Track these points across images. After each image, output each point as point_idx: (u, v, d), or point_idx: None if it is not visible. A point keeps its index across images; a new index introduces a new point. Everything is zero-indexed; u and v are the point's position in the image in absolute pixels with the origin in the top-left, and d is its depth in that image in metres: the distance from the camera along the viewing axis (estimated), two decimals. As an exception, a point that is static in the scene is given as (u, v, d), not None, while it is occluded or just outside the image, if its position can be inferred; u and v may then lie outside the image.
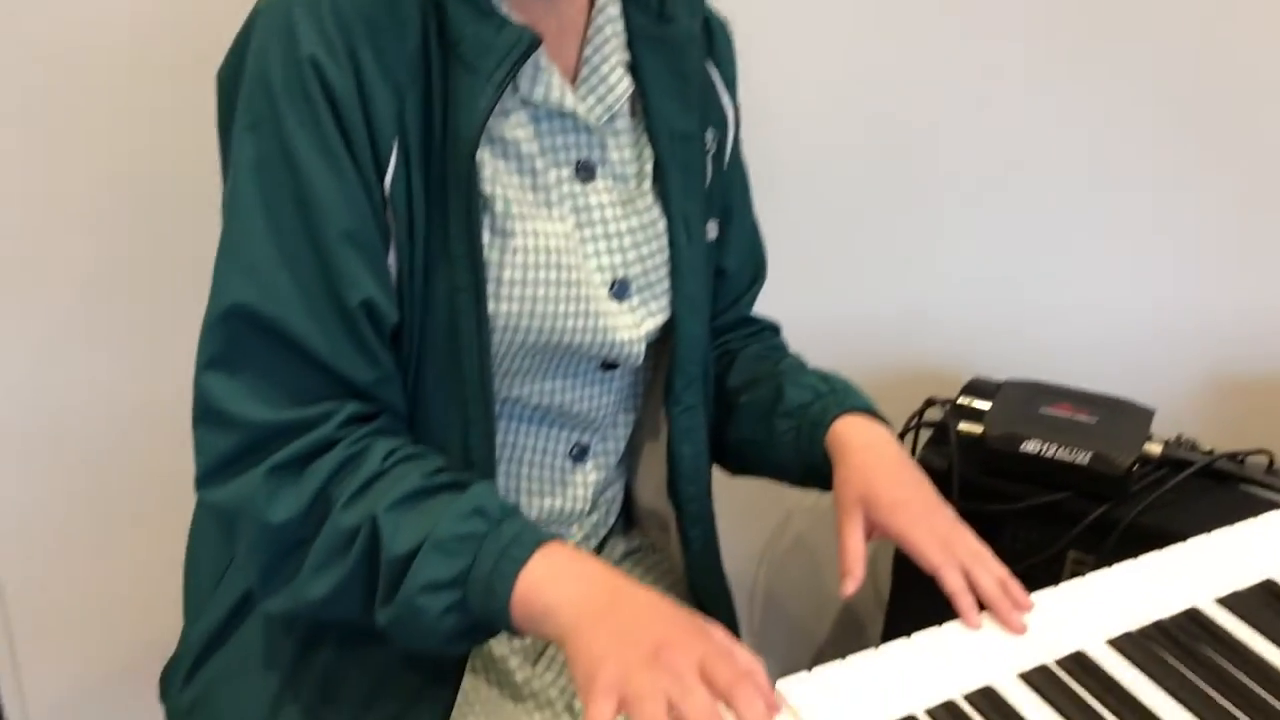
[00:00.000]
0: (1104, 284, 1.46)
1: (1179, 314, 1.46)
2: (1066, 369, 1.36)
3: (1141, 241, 1.44)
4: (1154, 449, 1.24)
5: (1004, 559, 0.87)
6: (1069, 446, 1.22)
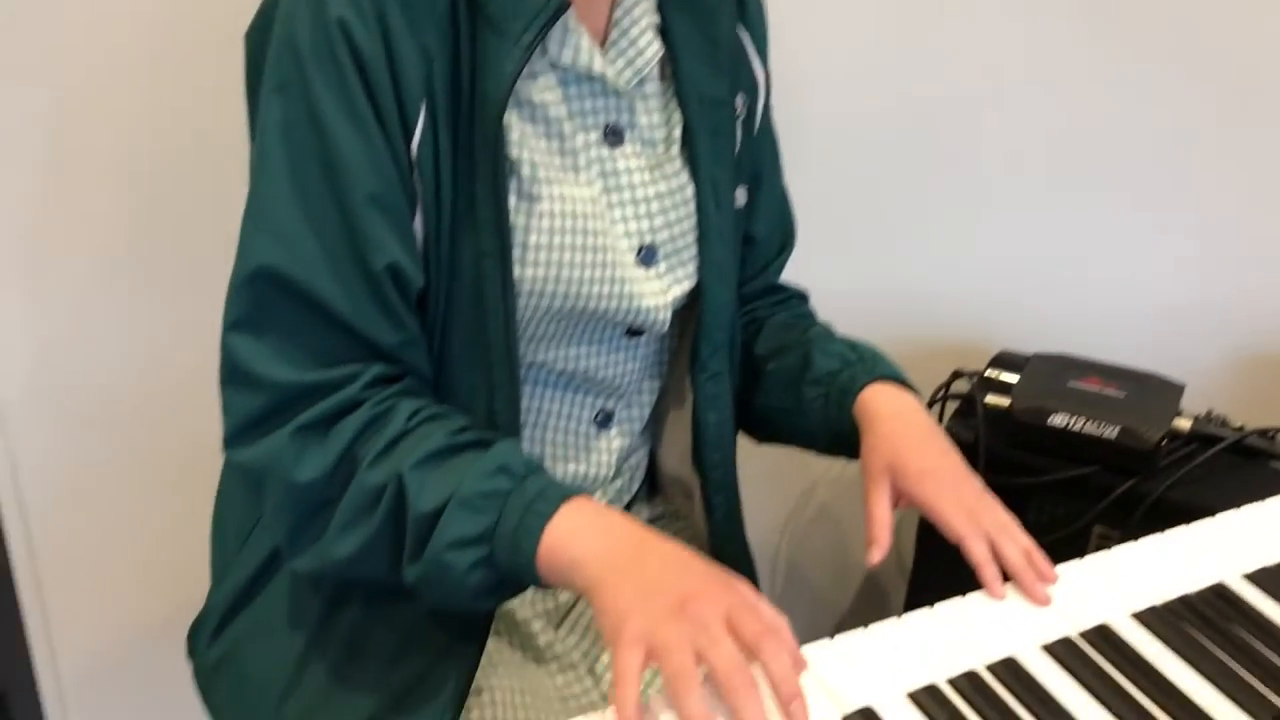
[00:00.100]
0: (1137, 258, 1.44)
1: (1213, 290, 1.45)
2: (1098, 344, 1.35)
3: (1174, 216, 1.42)
4: (1183, 424, 1.23)
5: (1029, 533, 0.86)
6: (1097, 420, 1.21)
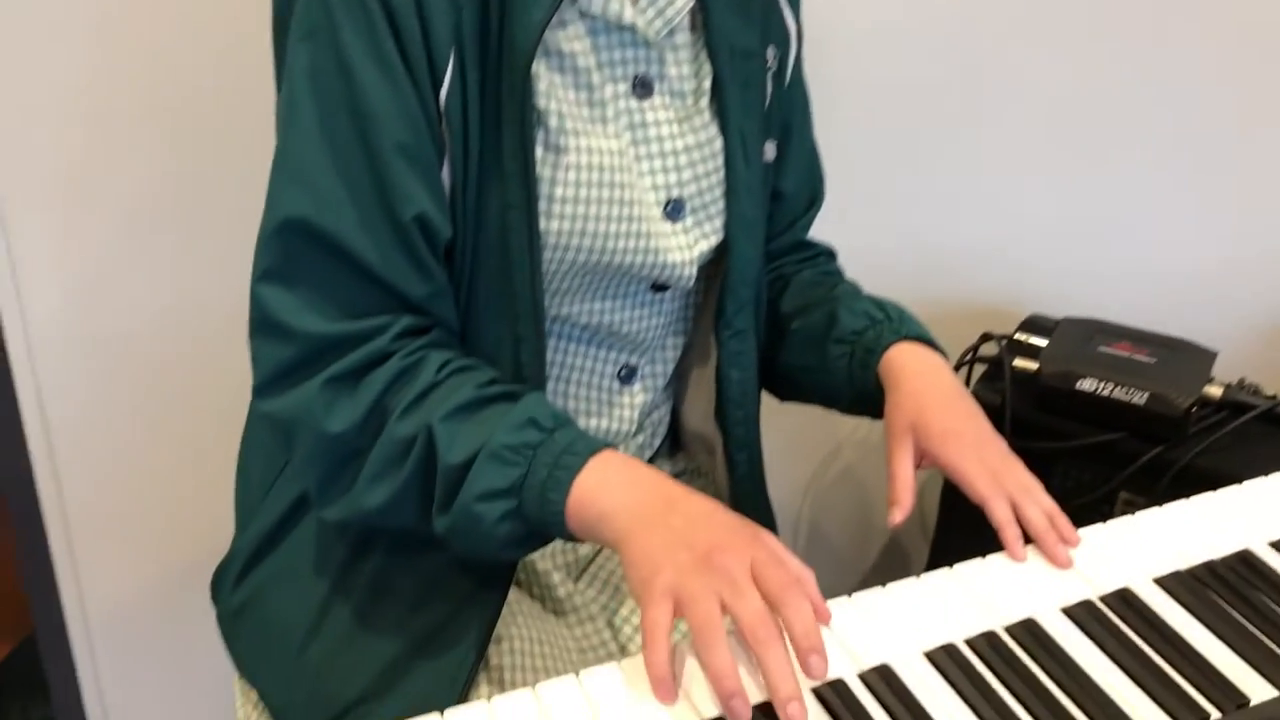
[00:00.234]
0: (1172, 224, 1.42)
1: (1249, 257, 1.43)
2: (1132, 310, 1.34)
3: (1210, 181, 1.40)
4: (1214, 391, 1.22)
5: (1054, 498, 0.86)
6: (1126, 386, 1.20)
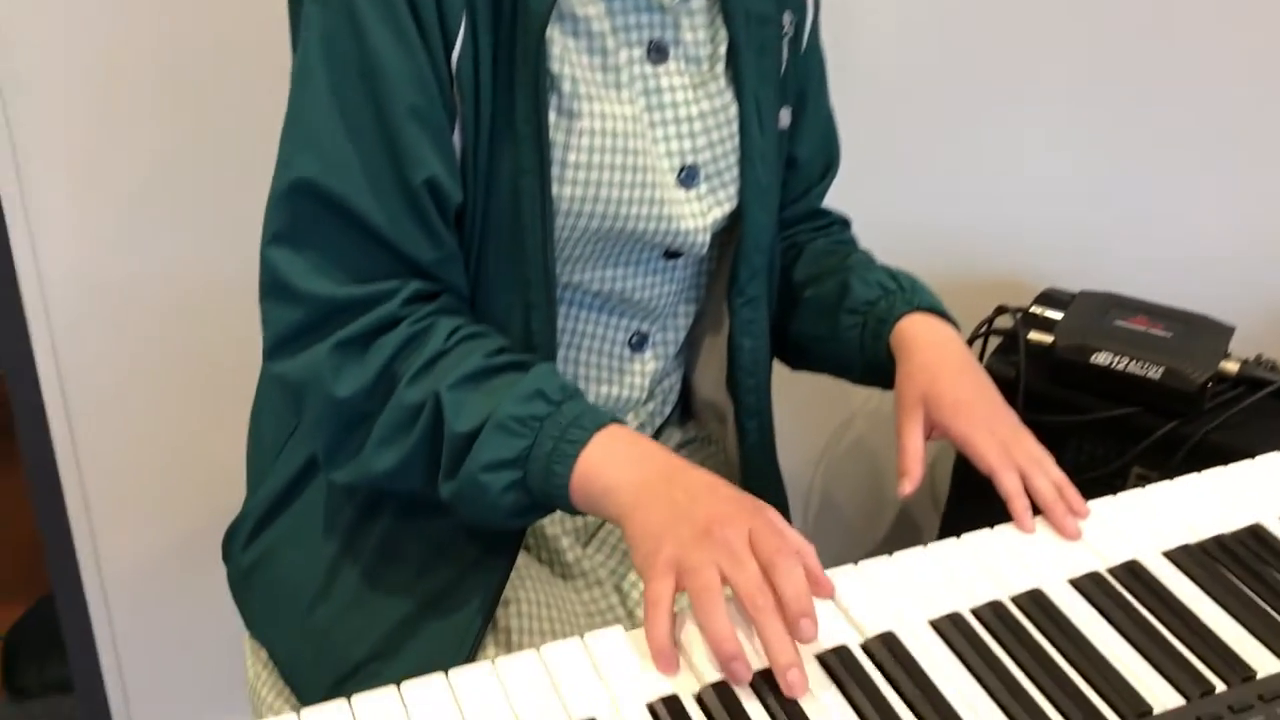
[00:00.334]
0: (1191, 199, 1.41)
1: (1268, 233, 1.41)
2: (1150, 285, 1.32)
3: (1230, 157, 1.38)
4: (1230, 367, 1.21)
5: (1066, 472, 0.85)
6: (1141, 360, 1.19)
